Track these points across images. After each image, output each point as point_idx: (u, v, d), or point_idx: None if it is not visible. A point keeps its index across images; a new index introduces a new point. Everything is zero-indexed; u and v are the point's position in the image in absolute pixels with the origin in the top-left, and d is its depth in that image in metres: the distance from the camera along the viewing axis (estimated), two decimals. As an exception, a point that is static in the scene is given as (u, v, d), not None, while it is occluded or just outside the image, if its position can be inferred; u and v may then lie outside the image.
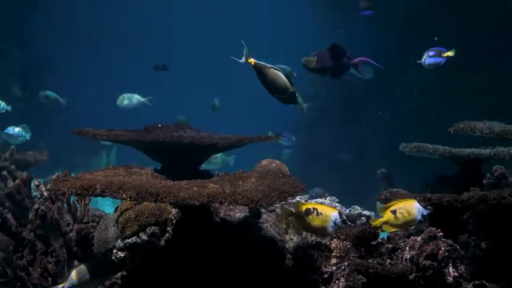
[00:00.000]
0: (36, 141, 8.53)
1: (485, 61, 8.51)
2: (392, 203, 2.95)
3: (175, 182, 2.86)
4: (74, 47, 17.25)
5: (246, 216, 3.19)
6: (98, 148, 13.39)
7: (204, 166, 4.29)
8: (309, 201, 3.88)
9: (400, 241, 2.99)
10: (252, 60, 3.32)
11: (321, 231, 2.97)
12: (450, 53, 4.73)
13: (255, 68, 3.35)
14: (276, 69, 3.38)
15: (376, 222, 2.95)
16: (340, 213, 2.92)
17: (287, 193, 2.72)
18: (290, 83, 3.39)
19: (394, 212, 2.90)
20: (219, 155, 7.71)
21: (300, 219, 2.98)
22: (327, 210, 2.95)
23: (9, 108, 7.74)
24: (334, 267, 3.09)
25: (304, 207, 2.97)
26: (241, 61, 3.32)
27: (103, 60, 18.13)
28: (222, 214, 3.18)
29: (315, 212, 2.93)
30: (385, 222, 2.92)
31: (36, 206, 3.71)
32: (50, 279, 3.64)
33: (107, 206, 6.50)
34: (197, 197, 2.53)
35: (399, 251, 2.92)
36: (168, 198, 2.51)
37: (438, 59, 4.81)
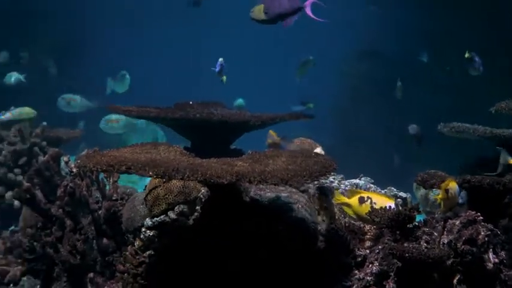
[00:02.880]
0: (72, 118, 8.60)
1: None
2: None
3: (204, 160, 2.78)
4: (109, 25, 17.26)
5: (277, 196, 3.10)
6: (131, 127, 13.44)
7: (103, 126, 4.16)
8: (351, 183, 3.77)
9: (437, 225, 2.87)
10: None
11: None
12: None
13: None
14: None
15: (437, 197, 2.85)
16: (396, 204, 2.80)
17: (318, 172, 2.62)
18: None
19: (447, 191, 2.79)
20: (122, 117, 7.57)
21: (354, 208, 2.88)
22: (382, 200, 2.84)
23: (22, 77, 7.76)
24: (368, 251, 2.99)
25: (358, 196, 2.86)
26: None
27: (138, 38, 18.11)
28: (252, 193, 3.09)
29: (369, 201, 2.83)
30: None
31: (64, 182, 3.68)
32: (78, 256, 3.61)
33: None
34: (225, 175, 2.44)
35: (436, 235, 2.81)
36: (196, 176, 2.43)
37: None
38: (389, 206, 2.77)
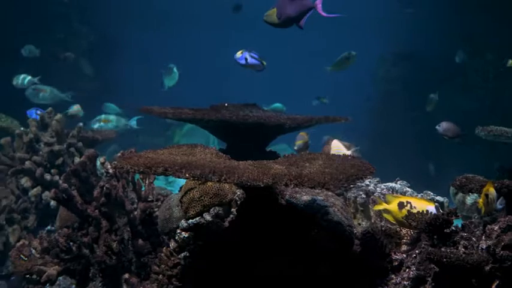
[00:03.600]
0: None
1: None
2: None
3: (240, 162, 2.77)
4: (141, 26, 17.39)
5: (313, 200, 3.08)
6: (161, 129, 13.51)
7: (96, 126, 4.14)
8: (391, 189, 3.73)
9: (475, 230, 2.83)
10: None
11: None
12: None
13: None
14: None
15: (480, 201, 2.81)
16: (437, 207, 2.77)
17: (355, 176, 2.59)
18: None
19: (486, 195, 2.75)
20: (112, 117, 7.49)
21: (394, 214, 2.85)
22: (422, 204, 2.81)
23: (35, 79, 7.78)
24: (405, 255, 2.96)
25: (397, 201, 2.83)
26: None
27: (170, 40, 18.22)
28: (287, 196, 3.08)
29: (409, 205, 2.80)
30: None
31: (101, 183, 3.70)
32: (113, 257, 3.63)
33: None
34: (262, 178, 2.43)
35: (474, 240, 2.76)
36: (232, 178, 2.43)
37: None
38: (429, 210, 2.74)
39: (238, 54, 4.94)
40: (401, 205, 2.81)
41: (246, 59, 4.90)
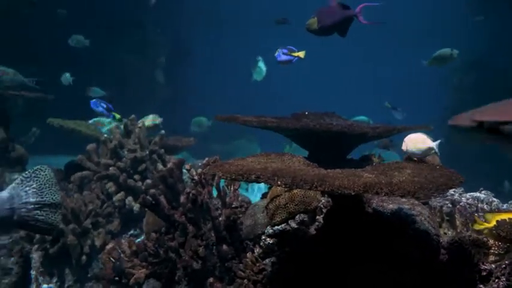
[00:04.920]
0: (178, 125, 8.81)
1: None
2: None
3: (329, 170, 2.81)
4: (211, 33, 17.62)
5: (400, 208, 3.10)
6: (234, 136, 13.65)
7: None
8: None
9: None
10: None
11: None
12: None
13: None
14: None
15: None
16: None
17: (445, 185, 2.60)
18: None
19: None
20: (106, 120, 7.42)
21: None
22: None
23: (70, 80, 7.92)
24: (493, 265, 2.94)
25: (497, 218, 2.81)
26: None
27: (241, 47, 18.39)
28: (374, 205, 3.11)
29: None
30: None
31: (187, 189, 3.81)
32: (199, 261, 3.72)
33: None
34: (352, 186, 2.46)
35: None
36: (323, 186, 2.47)
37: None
38: None
39: (276, 53, 5.04)
40: (502, 223, 2.77)
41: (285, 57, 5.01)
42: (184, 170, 4.16)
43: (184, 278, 3.76)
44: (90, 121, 7.18)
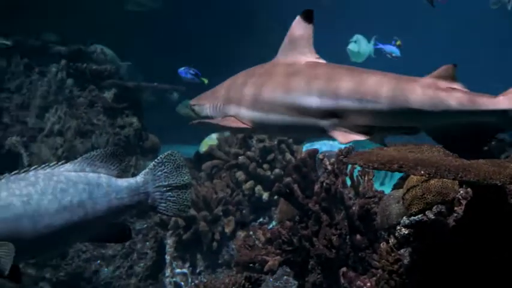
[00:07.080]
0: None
1: None
2: None
3: (472, 160, 2.76)
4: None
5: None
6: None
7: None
8: None
9: None
10: None
11: None
12: None
13: None
14: None
15: None
16: None
17: None
18: None
19: None
20: None
21: None
22: None
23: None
24: None
25: None
26: None
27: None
28: (516, 196, 3.01)
29: None
30: None
31: (321, 179, 3.84)
32: (333, 250, 3.75)
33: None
34: (499, 176, 2.42)
35: None
36: (469, 176, 2.43)
37: None
38: None
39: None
40: None
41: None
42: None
43: (318, 267, 3.80)
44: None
